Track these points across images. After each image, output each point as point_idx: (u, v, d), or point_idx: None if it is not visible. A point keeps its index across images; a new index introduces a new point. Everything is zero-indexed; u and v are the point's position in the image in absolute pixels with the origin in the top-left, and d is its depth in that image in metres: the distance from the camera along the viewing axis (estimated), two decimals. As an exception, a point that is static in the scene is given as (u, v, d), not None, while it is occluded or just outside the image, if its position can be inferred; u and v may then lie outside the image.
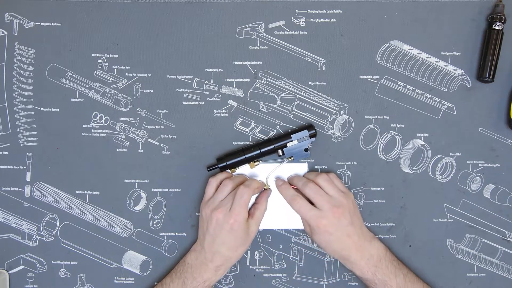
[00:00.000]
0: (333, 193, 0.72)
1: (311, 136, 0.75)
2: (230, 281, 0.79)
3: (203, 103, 0.78)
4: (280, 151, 0.76)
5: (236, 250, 0.72)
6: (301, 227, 0.77)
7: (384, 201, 0.78)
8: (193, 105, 0.78)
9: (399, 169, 0.78)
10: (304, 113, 0.78)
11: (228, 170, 0.77)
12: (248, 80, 0.78)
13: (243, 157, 0.75)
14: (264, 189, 0.76)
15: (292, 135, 0.75)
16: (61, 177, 0.79)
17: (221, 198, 0.73)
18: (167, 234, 0.79)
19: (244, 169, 0.77)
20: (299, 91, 0.78)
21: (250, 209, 0.74)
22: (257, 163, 0.77)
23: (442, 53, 0.77)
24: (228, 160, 0.75)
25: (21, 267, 0.79)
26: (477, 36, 0.77)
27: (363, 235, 0.73)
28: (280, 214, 0.77)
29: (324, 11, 0.78)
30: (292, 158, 0.76)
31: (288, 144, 0.75)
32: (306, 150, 0.75)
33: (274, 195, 0.77)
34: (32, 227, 0.79)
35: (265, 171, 0.77)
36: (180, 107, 0.78)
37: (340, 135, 0.78)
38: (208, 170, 0.76)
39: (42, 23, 0.78)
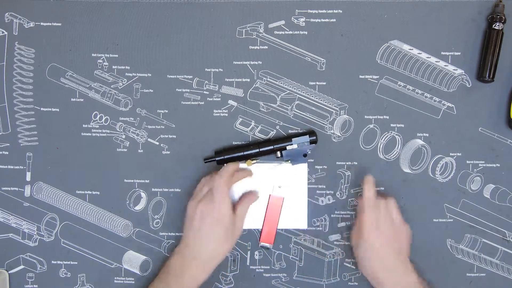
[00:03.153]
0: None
1: (311, 142, 0.75)
2: (230, 281, 0.78)
3: (203, 103, 0.78)
4: (278, 153, 0.76)
5: (222, 245, 0.71)
6: (301, 227, 0.77)
7: (384, 201, 0.78)
8: (193, 105, 0.78)
9: (399, 169, 0.78)
10: (304, 113, 0.78)
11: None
12: (248, 80, 0.78)
13: (242, 153, 0.75)
14: (251, 191, 0.76)
15: (292, 139, 0.75)
16: (61, 177, 0.79)
17: (205, 190, 0.72)
18: (167, 234, 0.79)
19: (241, 166, 0.77)
20: (299, 91, 0.78)
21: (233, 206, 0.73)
22: (255, 161, 0.77)
23: (442, 53, 0.77)
24: (226, 154, 0.75)
25: (21, 267, 0.79)
26: (477, 36, 0.77)
27: (406, 269, 0.71)
28: (280, 214, 0.77)
29: (324, 11, 0.78)
30: (289, 161, 0.76)
31: (288, 147, 0.75)
32: (305, 155, 0.75)
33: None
34: (32, 227, 0.79)
35: (262, 171, 0.77)
36: (180, 107, 0.78)
37: (340, 135, 0.78)
38: (205, 162, 0.76)
39: (42, 23, 0.78)
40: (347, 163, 0.78)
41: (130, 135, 0.78)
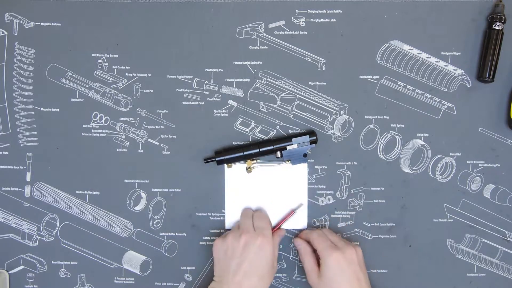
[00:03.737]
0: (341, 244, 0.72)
1: (311, 143, 0.75)
2: (230, 281, 0.78)
3: (203, 103, 0.78)
4: (278, 153, 0.76)
5: (263, 277, 0.69)
6: (301, 227, 0.77)
7: (384, 201, 0.78)
8: (193, 105, 0.78)
9: (399, 169, 0.78)
10: (304, 113, 0.78)
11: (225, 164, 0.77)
12: (248, 80, 0.78)
13: (242, 153, 0.75)
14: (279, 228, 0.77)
15: (292, 139, 0.75)
16: (61, 177, 0.79)
17: (240, 225, 0.73)
18: (167, 234, 0.79)
19: (240, 167, 0.77)
20: (299, 91, 0.78)
21: None
22: (255, 161, 0.77)
23: (442, 53, 0.77)
24: (226, 154, 0.75)
25: (21, 267, 0.79)
26: (477, 36, 0.77)
27: None
28: (280, 215, 0.77)
29: (324, 11, 0.78)
30: (289, 161, 0.76)
31: (288, 147, 0.75)
32: (305, 155, 0.75)
33: (273, 195, 0.77)
34: (32, 227, 0.79)
35: (262, 171, 0.77)
36: (180, 107, 0.78)
37: (340, 135, 0.78)
38: (205, 162, 0.76)
39: (42, 23, 0.78)
40: (347, 163, 0.78)
41: (130, 135, 0.78)
